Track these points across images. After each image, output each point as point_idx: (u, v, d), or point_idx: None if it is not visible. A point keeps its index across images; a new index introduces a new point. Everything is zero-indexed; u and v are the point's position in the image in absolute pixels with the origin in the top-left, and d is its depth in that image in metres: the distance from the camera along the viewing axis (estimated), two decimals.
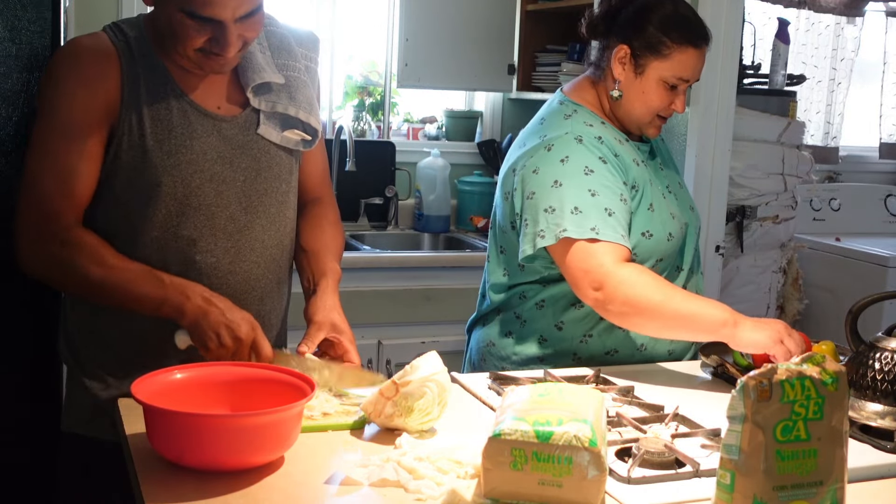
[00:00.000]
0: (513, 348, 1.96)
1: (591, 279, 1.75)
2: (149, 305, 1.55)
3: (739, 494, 1.12)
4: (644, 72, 1.86)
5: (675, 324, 1.75)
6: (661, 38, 1.83)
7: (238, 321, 1.54)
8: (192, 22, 1.51)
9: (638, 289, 1.72)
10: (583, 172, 1.81)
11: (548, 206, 1.80)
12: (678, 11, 1.86)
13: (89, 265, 1.55)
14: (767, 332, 1.71)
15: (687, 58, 1.85)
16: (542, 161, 1.85)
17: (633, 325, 1.80)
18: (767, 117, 3.23)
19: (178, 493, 1.22)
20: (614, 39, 1.89)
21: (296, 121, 1.72)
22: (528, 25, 3.77)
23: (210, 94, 1.65)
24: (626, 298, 1.72)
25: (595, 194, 1.79)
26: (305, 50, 1.78)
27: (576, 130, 1.86)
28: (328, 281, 1.72)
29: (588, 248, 1.75)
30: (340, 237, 1.86)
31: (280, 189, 1.72)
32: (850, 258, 3.82)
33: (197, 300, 1.54)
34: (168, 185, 1.60)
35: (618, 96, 1.89)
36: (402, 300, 3.17)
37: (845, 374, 1.14)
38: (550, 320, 1.93)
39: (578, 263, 1.76)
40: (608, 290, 1.73)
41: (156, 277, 1.56)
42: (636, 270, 1.76)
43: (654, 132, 1.94)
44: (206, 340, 1.52)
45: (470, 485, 1.24)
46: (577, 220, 1.77)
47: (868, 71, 4.48)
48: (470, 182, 3.81)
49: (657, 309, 1.72)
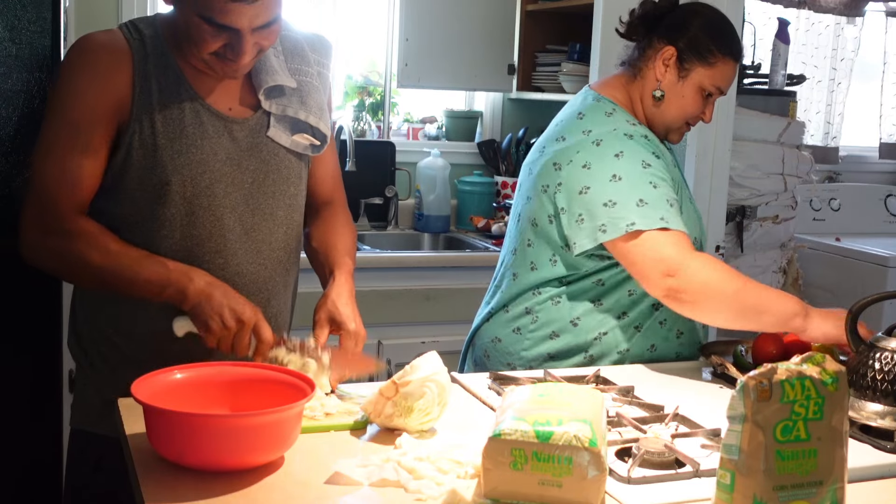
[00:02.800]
0: (521, 343, 1.96)
1: (665, 267, 1.75)
2: (152, 289, 1.56)
3: (739, 494, 1.12)
4: (688, 76, 1.89)
5: (748, 313, 1.76)
6: (709, 45, 1.87)
7: (241, 304, 1.55)
8: (210, 28, 1.52)
9: (713, 276, 1.74)
10: (641, 167, 1.82)
11: (607, 201, 1.80)
12: (726, 23, 1.92)
13: (90, 252, 1.56)
14: (835, 321, 1.74)
15: (728, 69, 1.90)
16: (592, 156, 1.85)
17: (706, 312, 1.79)
18: (767, 117, 3.23)
19: (178, 493, 1.22)
20: (658, 41, 1.91)
21: (305, 125, 1.72)
22: (528, 25, 3.77)
23: (222, 96, 1.66)
24: (701, 286, 1.73)
25: (657, 186, 1.81)
26: (318, 56, 1.79)
27: (623, 128, 1.88)
28: (336, 277, 1.72)
29: (658, 238, 1.76)
30: (352, 237, 1.87)
31: (288, 192, 1.72)
32: (850, 258, 3.82)
33: (200, 283, 1.55)
34: (177, 185, 1.60)
35: (660, 96, 1.91)
36: (402, 300, 3.17)
37: (845, 374, 1.14)
38: (567, 315, 1.92)
39: (650, 253, 1.76)
40: (683, 277, 1.73)
41: (158, 262, 1.57)
42: (709, 259, 1.78)
43: (679, 138, 1.98)
44: (208, 321, 1.52)
45: (470, 485, 1.24)
46: (644, 211, 1.77)
47: (868, 71, 4.48)
48: (470, 182, 3.81)
49: (732, 298, 1.74)
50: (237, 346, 1.54)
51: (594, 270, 1.89)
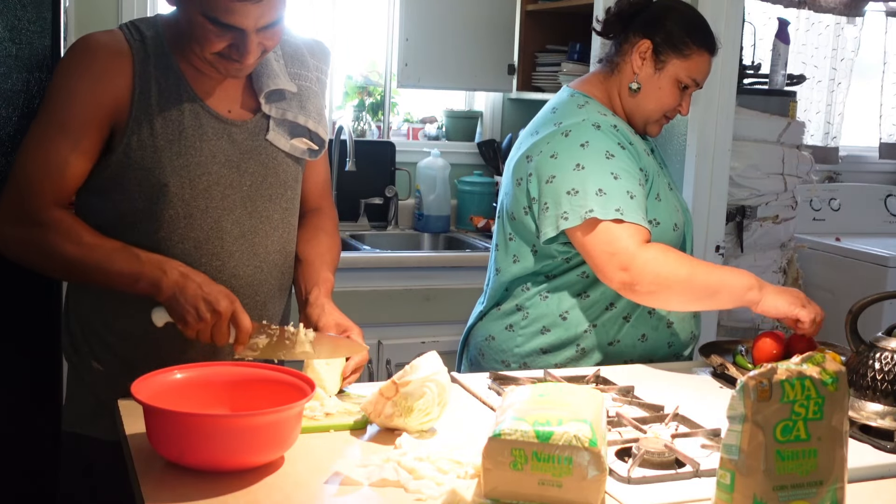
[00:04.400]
0: (514, 340, 1.98)
1: (617, 261, 1.78)
2: (125, 281, 1.54)
3: (739, 494, 1.12)
4: (664, 68, 1.93)
5: (703, 294, 1.81)
6: (684, 38, 1.92)
7: (216, 294, 1.52)
8: (214, 27, 1.52)
9: (665, 266, 1.77)
10: (604, 156, 1.85)
11: (570, 189, 1.83)
12: (699, 18, 1.98)
13: (64, 244, 1.55)
14: (788, 297, 1.81)
15: (703, 61, 1.95)
16: (560, 146, 1.89)
17: (662, 301, 1.84)
18: (767, 117, 3.23)
19: (178, 493, 1.22)
20: (634, 35, 1.95)
21: (304, 130, 1.73)
22: (528, 25, 3.77)
23: (222, 98, 1.66)
24: (654, 277, 1.77)
25: (617, 177, 1.83)
26: (317, 61, 1.79)
27: (592, 118, 1.92)
28: (320, 290, 1.71)
29: (612, 230, 1.79)
30: (336, 248, 1.86)
31: (285, 196, 1.72)
32: (850, 258, 3.82)
33: (174, 275, 1.52)
34: (175, 186, 1.60)
35: (637, 88, 1.95)
36: (402, 300, 3.17)
37: (845, 374, 1.14)
38: (555, 310, 1.95)
39: (603, 246, 1.80)
40: (635, 270, 1.77)
41: (132, 253, 1.55)
42: (661, 249, 1.81)
43: (657, 131, 2.01)
44: (184, 315, 1.50)
45: (470, 485, 1.24)
46: (602, 201, 1.80)
47: (868, 71, 4.48)
48: (470, 182, 3.82)
49: (685, 282, 1.78)
50: (216, 336, 1.52)
51: (577, 263, 1.91)
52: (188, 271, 1.54)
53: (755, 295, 1.80)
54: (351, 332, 1.65)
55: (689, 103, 1.99)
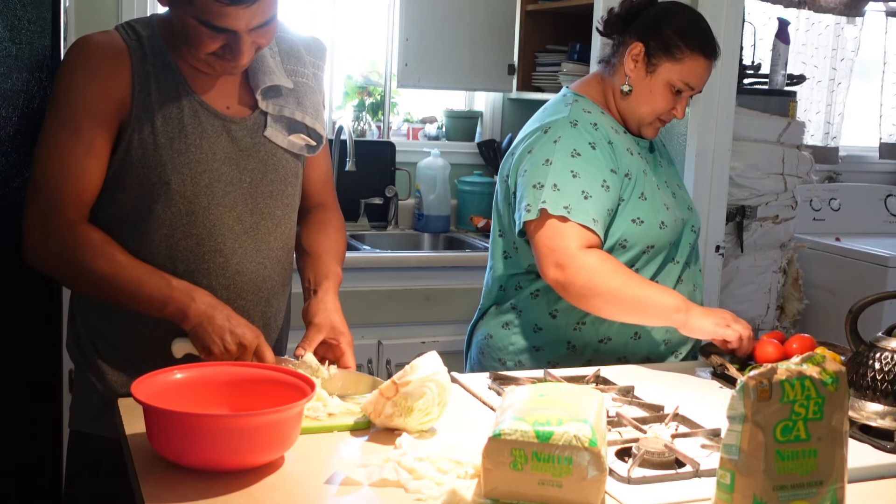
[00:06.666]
0: (509, 339, 2.01)
1: (555, 258, 1.81)
2: (154, 305, 1.55)
3: (739, 494, 1.12)
4: (655, 71, 1.93)
5: (631, 308, 1.83)
6: (676, 42, 1.90)
7: (243, 327, 1.55)
8: (207, 30, 1.52)
9: (598, 273, 1.79)
10: (570, 154, 1.87)
11: (536, 182, 1.87)
12: (697, 22, 1.95)
13: (97, 261, 1.56)
14: (714, 319, 1.83)
15: (697, 66, 1.92)
16: (538, 142, 1.92)
17: (593, 307, 1.85)
18: (767, 117, 3.23)
19: (178, 493, 1.22)
20: (630, 37, 1.95)
21: (301, 126, 1.73)
22: (528, 25, 3.77)
23: (220, 95, 1.66)
24: (586, 281, 1.79)
25: (576, 176, 1.85)
26: (313, 57, 1.80)
27: (572, 115, 1.93)
28: (329, 283, 1.72)
29: (558, 227, 1.82)
30: (343, 242, 1.87)
31: (286, 192, 1.73)
32: (850, 258, 3.81)
33: (202, 304, 1.54)
34: (177, 184, 1.60)
35: (628, 91, 1.95)
36: (402, 300, 3.17)
37: (845, 374, 1.14)
38: (545, 308, 1.97)
39: (546, 240, 1.83)
40: (569, 272, 1.80)
41: (162, 278, 1.56)
42: (599, 256, 1.82)
43: (652, 133, 2.01)
44: (209, 344, 1.53)
45: (470, 485, 1.24)
46: (555, 196, 1.83)
47: (868, 71, 4.47)
48: (470, 182, 3.81)
49: (614, 293, 1.80)
50: None
51: None
52: (216, 303, 1.56)
53: (681, 317, 1.82)
54: (341, 342, 1.66)
55: (684, 107, 1.97)
